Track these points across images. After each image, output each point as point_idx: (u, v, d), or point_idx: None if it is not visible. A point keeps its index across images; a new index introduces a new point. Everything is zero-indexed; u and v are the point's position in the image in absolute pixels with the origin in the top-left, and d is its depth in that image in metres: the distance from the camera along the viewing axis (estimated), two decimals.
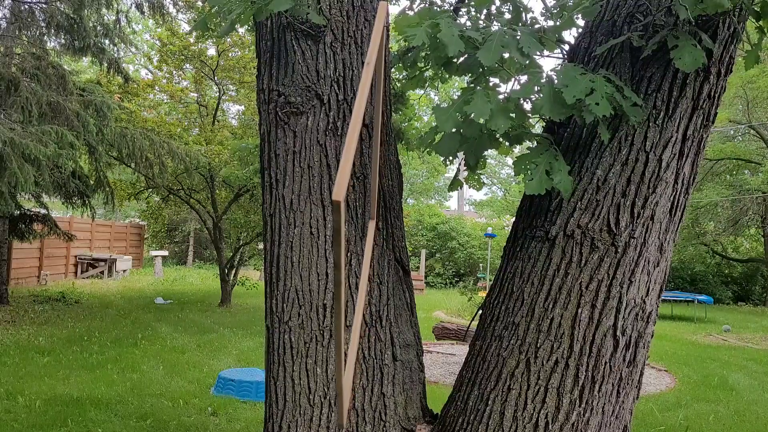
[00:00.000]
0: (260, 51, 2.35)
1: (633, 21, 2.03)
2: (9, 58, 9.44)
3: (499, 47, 1.74)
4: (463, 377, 2.16)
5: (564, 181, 1.81)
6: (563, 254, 1.99)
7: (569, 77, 1.73)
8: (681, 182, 2.07)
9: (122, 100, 12.97)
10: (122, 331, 9.12)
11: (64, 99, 8.85)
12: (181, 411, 5.45)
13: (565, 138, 2.10)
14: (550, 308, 1.98)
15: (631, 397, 2.10)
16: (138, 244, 21.60)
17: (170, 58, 13.33)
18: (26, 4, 9.63)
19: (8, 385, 5.87)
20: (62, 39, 9.99)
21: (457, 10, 2.86)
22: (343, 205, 0.64)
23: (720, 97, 2.08)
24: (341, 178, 0.64)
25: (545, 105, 1.75)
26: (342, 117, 2.20)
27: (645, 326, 2.06)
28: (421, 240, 21.02)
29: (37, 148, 7.47)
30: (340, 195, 0.62)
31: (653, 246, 2.03)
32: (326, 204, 2.16)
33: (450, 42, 1.70)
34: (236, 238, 12.98)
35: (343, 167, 0.65)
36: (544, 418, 1.95)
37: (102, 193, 10.99)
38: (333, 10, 2.23)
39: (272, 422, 2.16)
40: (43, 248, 15.14)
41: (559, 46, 2.27)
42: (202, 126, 13.74)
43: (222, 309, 11.95)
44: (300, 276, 2.15)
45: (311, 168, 2.17)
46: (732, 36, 2.02)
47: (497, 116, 1.75)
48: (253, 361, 7.49)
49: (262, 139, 2.32)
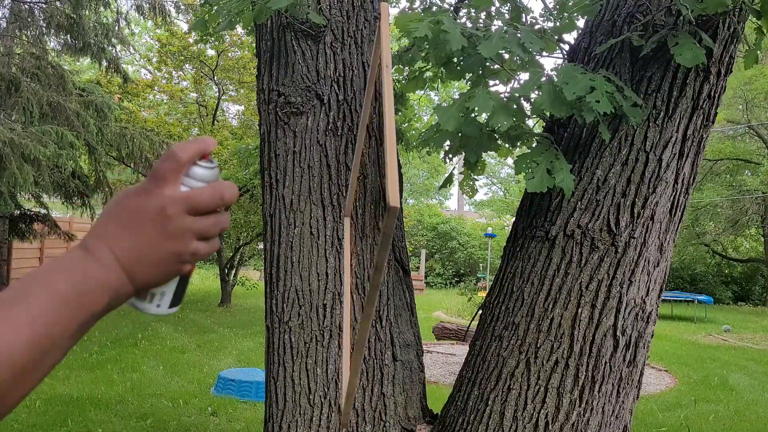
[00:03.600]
0: (260, 51, 2.35)
1: (633, 21, 2.03)
2: (9, 58, 9.44)
3: (500, 42, 1.74)
4: (463, 377, 2.16)
5: (566, 179, 1.81)
6: (563, 254, 1.99)
7: (569, 76, 1.73)
8: (681, 182, 2.07)
9: (122, 100, 12.98)
10: (122, 331, 9.11)
11: (64, 99, 8.85)
12: (181, 411, 5.45)
13: (565, 138, 2.10)
14: (550, 308, 1.98)
15: (631, 397, 2.10)
16: None
17: (169, 58, 13.34)
18: (26, 4, 9.63)
19: None
20: (62, 39, 10.00)
21: (457, 10, 2.86)
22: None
23: (720, 97, 2.08)
24: (392, 185, 0.63)
25: (546, 102, 1.75)
26: (342, 117, 2.20)
27: (645, 326, 2.06)
28: (421, 240, 21.02)
29: (36, 148, 7.47)
30: (396, 201, 0.61)
31: (653, 246, 2.03)
32: (326, 204, 2.16)
33: (452, 38, 1.71)
34: (236, 238, 12.98)
35: (391, 170, 0.65)
36: (544, 418, 1.95)
37: (101, 193, 10.99)
38: (333, 10, 2.23)
39: (272, 422, 2.16)
40: (43, 248, 15.13)
41: (559, 47, 2.27)
42: (201, 126, 13.74)
43: (222, 309, 11.95)
44: (300, 276, 2.15)
45: (311, 168, 2.17)
46: (732, 36, 2.02)
47: (499, 113, 1.76)
48: (253, 361, 7.49)
49: (262, 139, 2.32)
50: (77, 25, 9.63)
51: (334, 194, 2.16)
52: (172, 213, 0.56)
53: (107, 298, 0.55)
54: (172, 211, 0.56)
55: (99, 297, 0.55)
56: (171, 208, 0.56)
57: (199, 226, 0.58)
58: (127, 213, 0.57)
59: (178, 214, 0.56)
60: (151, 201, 0.56)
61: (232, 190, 0.60)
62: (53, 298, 0.52)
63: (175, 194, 0.57)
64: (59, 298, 0.52)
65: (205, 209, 0.58)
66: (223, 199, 0.59)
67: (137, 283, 0.57)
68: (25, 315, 0.50)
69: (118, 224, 0.56)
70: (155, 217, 0.56)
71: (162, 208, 0.56)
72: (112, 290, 0.56)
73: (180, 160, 0.57)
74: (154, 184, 0.57)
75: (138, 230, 0.56)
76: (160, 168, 0.57)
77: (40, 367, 0.52)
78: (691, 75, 1.98)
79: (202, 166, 0.58)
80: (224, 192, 0.59)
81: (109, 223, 0.57)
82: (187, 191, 0.57)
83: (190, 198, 0.57)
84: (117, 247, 0.56)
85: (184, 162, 0.57)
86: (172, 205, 0.56)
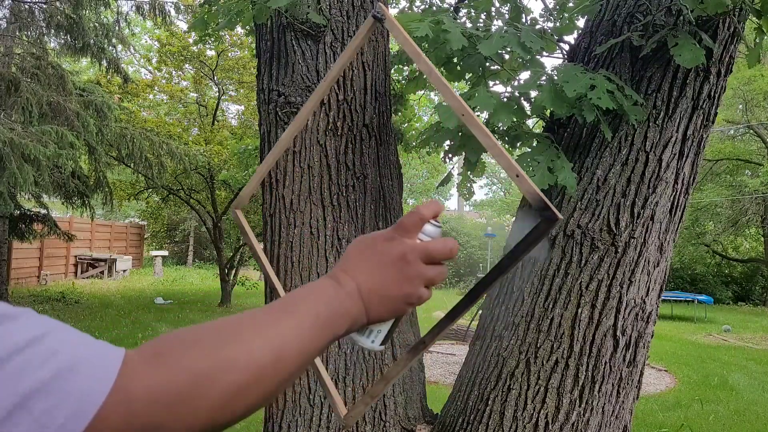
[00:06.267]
0: (260, 51, 2.35)
1: (633, 21, 2.03)
2: (9, 58, 9.43)
3: (500, 41, 1.74)
4: (463, 377, 2.16)
5: (568, 177, 1.81)
6: (563, 254, 1.99)
7: (570, 75, 1.73)
8: (681, 182, 2.06)
9: (122, 101, 12.98)
10: (122, 331, 9.11)
11: (64, 99, 8.85)
12: None
13: (565, 138, 2.10)
14: (550, 308, 1.98)
15: (631, 397, 2.10)
16: (138, 244, 21.59)
17: (169, 58, 13.33)
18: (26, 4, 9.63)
19: None
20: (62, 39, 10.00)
21: (457, 10, 2.86)
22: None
23: (720, 97, 2.08)
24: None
25: (546, 100, 1.75)
26: (342, 117, 2.20)
27: (645, 326, 2.06)
28: None
29: (36, 148, 7.47)
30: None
31: (653, 246, 2.03)
32: (326, 204, 2.16)
33: (453, 37, 1.71)
34: (236, 238, 12.98)
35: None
36: (544, 418, 1.95)
37: (101, 193, 10.98)
38: (333, 10, 2.23)
39: (272, 422, 2.16)
40: (43, 248, 15.14)
41: (559, 47, 2.27)
42: (201, 126, 13.74)
43: (222, 309, 11.95)
44: (300, 276, 2.15)
45: (311, 168, 2.17)
46: (732, 36, 2.02)
47: (500, 112, 1.76)
48: None
49: (262, 139, 2.31)
50: (77, 25, 9.62)
51: (334, 194, 2.16)
52: (411, 259, 0.66)
53: (348, 325, 0.65)
54: (411, 258, 0.66)
55: (343, 323, 0.64)
56: (411, 254, 0.66)
57: (430, 273, 0.67)
58: (375, 255, 0.67)
59: (415, 260, 0.66)
60: (396, 247, 0.67)
61: (456, 245, 0.70)
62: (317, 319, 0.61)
63: (415, 244, 0.67)
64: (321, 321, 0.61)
65: (437, 259, 0.68)
66: (452, 252, 0.68)
67: (370, 316, 0.67)
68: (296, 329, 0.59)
69: (365, 263, 0.67)
70: (397, 261, 0.66)
71: (404, 254, 0.66)
72: (352, 319, 0.65)
73: (424, 218, 0.68)
74: (399, 233, 0.67)
75: (382, 270, 0.66)
76: (406, 221, 0.68)
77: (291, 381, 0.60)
78: (691, 75, 1.98)
79: (434, 225, 0.69)
80: (453, 246, 0.69)
81: (357, 261, 0.67)
82: (425, 241, 0.68)
83: (427, 248, 0.67)
84: (363, 282, 0.66)
85: (426, 218, 0.68)
86: (412, 252, 0.66)
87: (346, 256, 0.68)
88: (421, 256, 0.67)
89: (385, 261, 0.66)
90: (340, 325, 0.63)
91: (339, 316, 0.63)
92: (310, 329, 0.60)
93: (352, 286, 0.65)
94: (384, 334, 0.69)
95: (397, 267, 0.66)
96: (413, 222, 0.67)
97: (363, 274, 0.66)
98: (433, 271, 0.67)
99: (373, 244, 0.68)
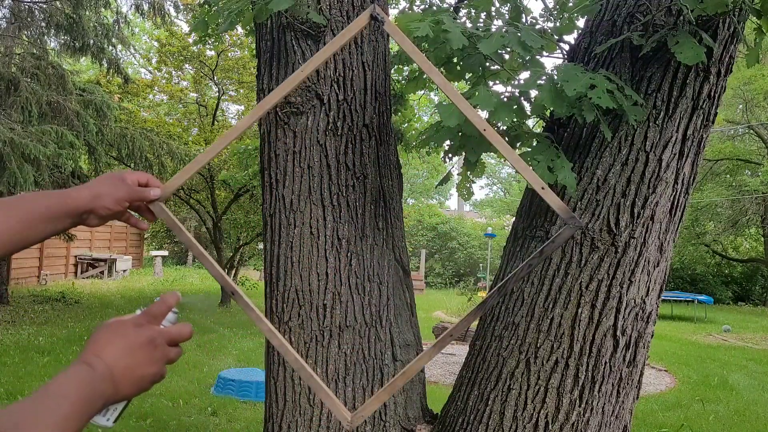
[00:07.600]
0: (260, 51, 2.35)
1: (633, 21, 2.03)
2: (9, 58, 9.43)
3: (500, 40, 1.74)
4: (463, 377, 2.16)
5: (568, 176, 1.81)
6: (563, 254, 1.99)
7: (570, 74, 1.73)
8: (681, 182, 2.06)
9: (122, 101, 12.98)
10: None
11: (64, 99, 8.85)
12: (181, 411, 5.45)
13: (565, 138, 2.10)
14: (550, 308, 1.98)
15: (631, 397, 2.10)
16: (138, 243, 21.59)
17: (169, 58, 13.33)
18: (26, 4, 9.63)
19: (8, 385, 5.87)
20: (62, 39, 10.00)
21: (457, 10, 2.86)
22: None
23: (720, 97, 2.08)
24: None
25: (546, 99, 1.75)
26: (342, 117, 2.19)
27: (645, 326, 2.06)
28: (421, 240, 21.03)
29: (36, 148, 7.47)
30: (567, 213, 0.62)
31: (653, 246, 2.03)
32: (326, 204, 2.16)
33: (453, 37, 1.71)
34: (236, 238, 12.98)
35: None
36: (544, 418, 1.95)
37: None
38: (333, 10, 2.23)
39: (272, 422, 2.16)
40: (43, 248, 15.14)
41: (559, 47, 2.27)
42: (201, 126, 13.74)
43: (222, 309, 11.95)
44: (300, 276, 2.15)
45: (311, 168, 2.17)
46: (732, 36, 2.02)
47: (500, 110, 1.76)
48: (253, 361, 7.49)
49: (262, 139, 2.31)
50: (77, 25, 9.62)
51: (334, 194, 2.16)
52: (159, 343, 0.77)
53: (102, 404, 0.72)
54: (159, 342, 0.77)
55: (99, 404, 0.71)
56: (159, 339, 0.78)
57: (172, 354, 0.79)
58: (125, 339, 0.75)
59: (162, 344, 0.78)
60: (145, 332, 0.77)
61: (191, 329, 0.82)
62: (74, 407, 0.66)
63: (162, 329, 0.79)
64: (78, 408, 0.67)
65: (177, 342, 0.80)
66: (189, 335, 0.81)
67: (119, 395, 0.74)
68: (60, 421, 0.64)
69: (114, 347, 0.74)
70: (146, 345, 0.76)
71: (153, 339, 0.77)
72: (105, 399, 0.72)
73: (170, 306, 0.81)
74: (147, 320, 0.78)
75: (133, 353, 0.75)
76: (155, 310, 0.79)
77: None
78: (691, 75, 1.98)
79: (174, 312, 0.82)
80: (189, 330, 0.82)
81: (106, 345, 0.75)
82: (168, 327, 0.80)
83: (171, 333, 0.79)
84: (114, 366, 0.73)
85: (171, 307, 0.81)
86: (160, 336, 0.78)
87: (96, 341, 0.75)
88: (167, 340, 0.78)
89: (135, 344, 0.75)
90: (96, 407, 0.70)
91: (96, 398, 0.70)
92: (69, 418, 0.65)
93: (104, 370, 0.72)
94: (119, 412, 0.77)
95: (146, 350, 0.76)
96: (161, 311, 0.80)
97: (113, 357, 0.73)
98: (173, 351, 0.79)
99: (123, 329, 0.76)
